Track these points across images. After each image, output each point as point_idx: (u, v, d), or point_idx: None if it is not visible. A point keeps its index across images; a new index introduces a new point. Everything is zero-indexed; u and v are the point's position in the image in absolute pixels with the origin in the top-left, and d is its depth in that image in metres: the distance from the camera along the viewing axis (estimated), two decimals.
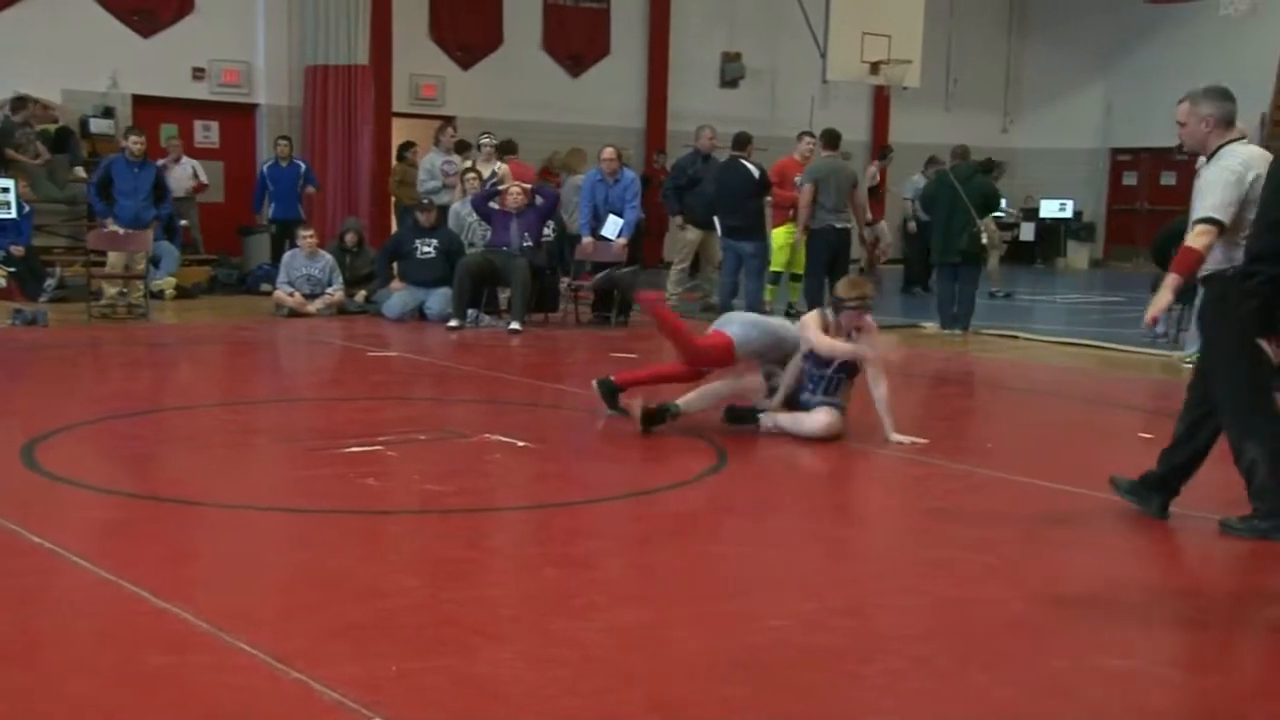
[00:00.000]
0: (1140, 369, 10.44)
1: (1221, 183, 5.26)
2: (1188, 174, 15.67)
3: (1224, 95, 5.50)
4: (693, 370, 7.41)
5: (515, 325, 11.50)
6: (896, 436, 6.93)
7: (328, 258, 12.81)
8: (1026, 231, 23.00)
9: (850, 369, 7.07)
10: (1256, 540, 5.14)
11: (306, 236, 12.72)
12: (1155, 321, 5.60)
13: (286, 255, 12.90)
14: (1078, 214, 23.32)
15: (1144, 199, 23.69)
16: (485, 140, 14.02)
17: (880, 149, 20.15)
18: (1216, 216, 5.23)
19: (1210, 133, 5.43)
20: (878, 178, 17.69)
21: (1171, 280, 5.34)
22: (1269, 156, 5.31)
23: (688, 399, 7.16)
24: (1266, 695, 3.70)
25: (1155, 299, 5.40)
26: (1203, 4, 15.17)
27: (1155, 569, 4.97)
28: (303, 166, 15.08)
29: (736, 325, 7.36)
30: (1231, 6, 13.67)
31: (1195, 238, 5.28)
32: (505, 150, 15.11)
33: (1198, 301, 9.38)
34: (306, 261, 12.64)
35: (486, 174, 13.10)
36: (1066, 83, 23.91)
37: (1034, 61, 24.43)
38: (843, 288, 7.19)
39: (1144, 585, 4.70)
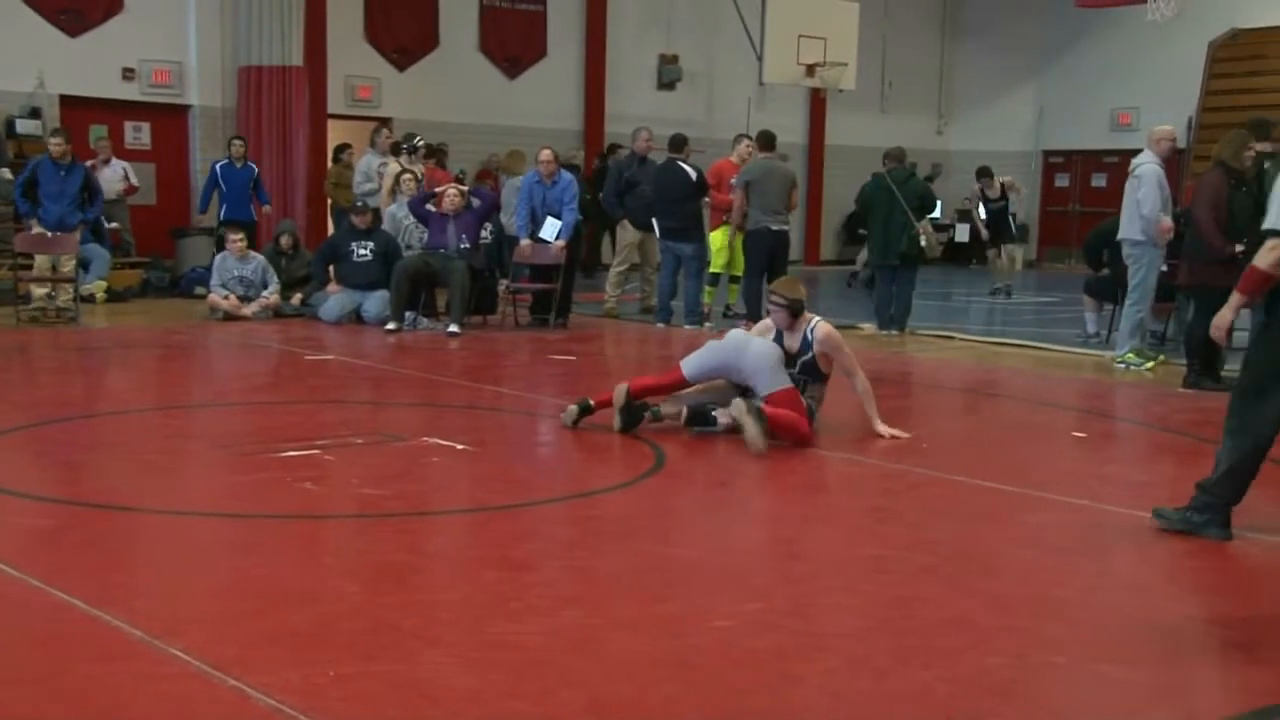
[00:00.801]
0: (1073, 369, 10.56)
1: None
2: (1118, 176, 15.89)
3: None
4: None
5: (454, 328, 11.44)
6: (882, 428, 7.12)
7: (260, 259, 12.67)
8: (961, 233, 23.20)
9: (814, 372, 7.15)
10: (1186, 534, 5.23)
11: (235, 240, 12.56)
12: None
13: (217, 258, 12.73)
14: (1012, 214, 23.57)
15: (1076, 200, 23.96)
16: (418, 142, 13.95)
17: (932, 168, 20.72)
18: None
19: None
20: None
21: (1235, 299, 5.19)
22: None
23: (667, 406, 7.24)
24: (1201, 689, 3.76)
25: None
26: (1131, 9, 15.38)
27: (1090, 565, 5.01)
28: (255, 170, 14.85)
29: (780, 375, 7.05)
30: (1158, 12, 13.88)
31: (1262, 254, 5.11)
32: (433, 155, 15.02)
33: (1142, 308, 9.58)
34: (238, 264, 12.49)
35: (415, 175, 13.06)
36: (999, 86, 24.21)
37: (967, 65, 24.70)
38: (774, 285, 7.38)
39: (1079, 582, 4.76)
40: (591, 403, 7.20)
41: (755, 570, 4.84)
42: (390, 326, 11.62)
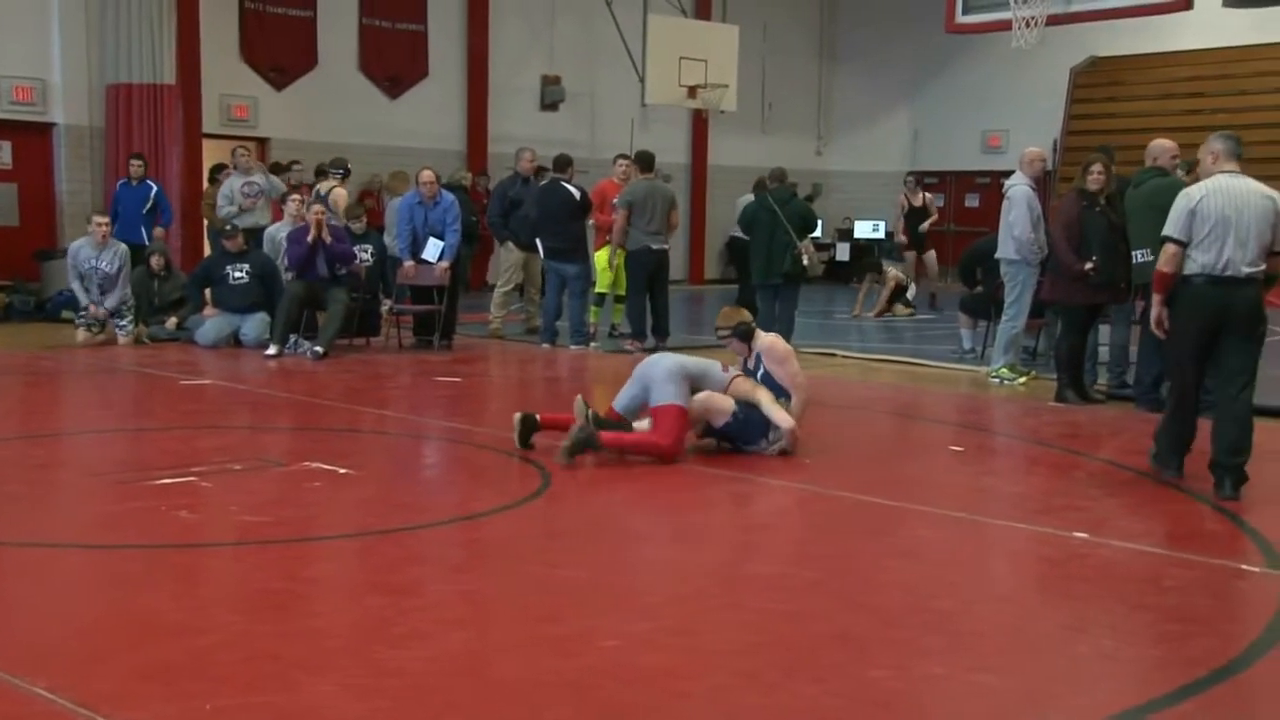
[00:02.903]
0: (950, 384, 10.76)
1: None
2: (990, 196, 16.24)
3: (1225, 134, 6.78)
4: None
5: (318, 348, 11.25)
6: (784, 420, 7.13)
7: (120, 246, 12.15)
8: (842, 252, 23.70)
9: (778, 388, 7.28)
10: (1073, 541, 5.40)
11: (100, 223, 12.02)
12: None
13: (72, 247, 12.19)
14: (889, 234, 23.94)
15: (950, 220, 24.31)
16: (296, 168, 13.72)
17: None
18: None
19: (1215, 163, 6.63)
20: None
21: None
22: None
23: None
24: (1069, 694, 3.85)
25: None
26: (997, 35, 15.77)
27: (967, 577, 5.11)
28: (154, 188, 14.32)
29: (671, 386, 7.03)
30: (1022, 38, 14.28)
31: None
32: (321, 175, 14.84)
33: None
34: (95, 252, 11.98)
35: (314, 198, 12.82)
36: (875, 108, 24.61)
37: (845, 87, 25.08)
38: (716, 320, 7.69)
39: (957, 594, 4.83)
40: (538, 418, 7.20)
41: (642, 590, 4.82)
42: (271, 350, 11.40)
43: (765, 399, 7.18)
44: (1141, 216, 8.62)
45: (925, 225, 16.98)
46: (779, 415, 7.06)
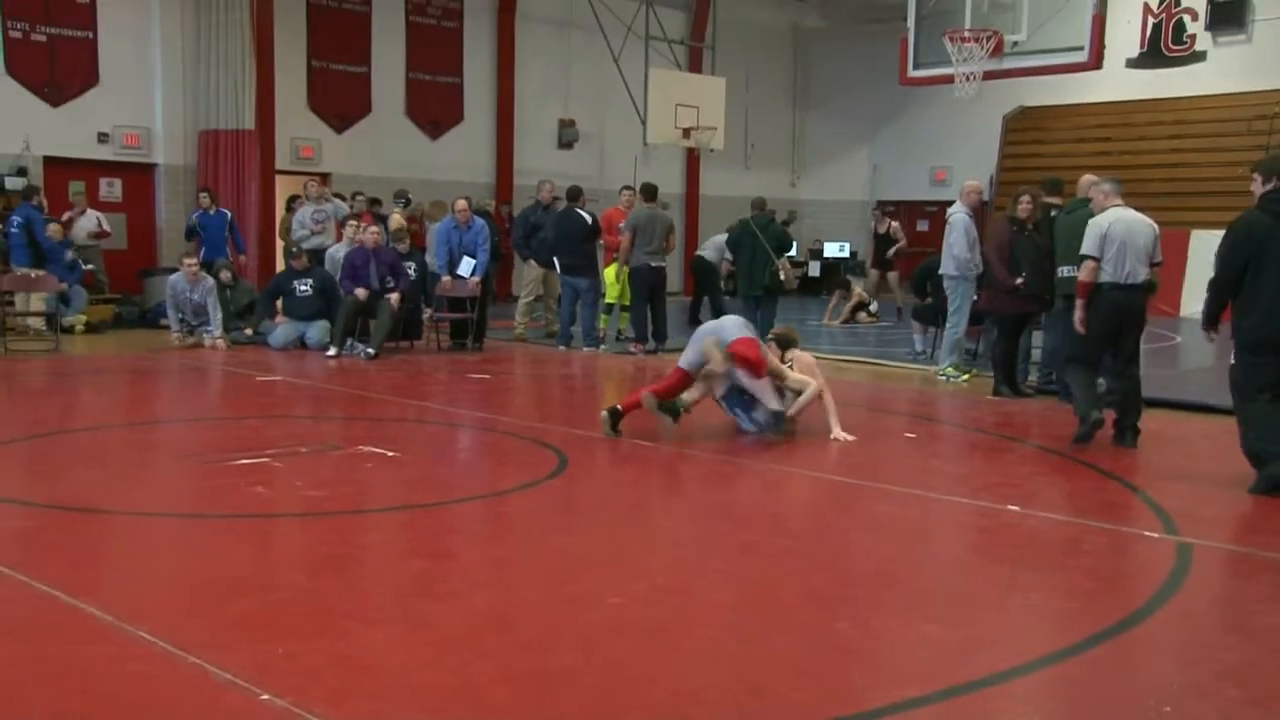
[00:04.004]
0: (904, 381, 10.69)
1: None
2: (937, 222, 16.21)
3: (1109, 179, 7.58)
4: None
5: (370, 350, 11.23)
6: (839, 433, 7.26)
7: (209, 282, 12.13)
8: (813, 269, 23.64)
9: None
10: (1034, 519, 5.39)
11: (190, 263, 12.05)
12: None
13: (170, 279, 12.20)
14: (853, 254, 23.85)
15: (904, 242, 24.33)
16: (359, 199, 13.70)
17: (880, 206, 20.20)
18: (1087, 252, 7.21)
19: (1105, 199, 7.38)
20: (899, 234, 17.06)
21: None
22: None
23: (689, 394, 7.33)
24: (1010, 639, 3.84)
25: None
26: (943, 87, 15.80)
27: (921, 545, 5.09)
28: (228, 215, 14.45)
29: (743, 331, 7.36)
30: (962, 90, 14.26)
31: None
32: (372, 204, 14.83)
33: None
34: (188, 286, 11.98)
35: (367, 228, 12.76)
36: (840, 147, 24.48)
37: (815, 129, 24.94)
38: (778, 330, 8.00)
39: (912, 559, 4.82)
40: (620, 408, 7.21)
41: (642, 555, 4.79)
42: (331, 352, 11.38)
43: (792, 380, 7.38)
44: (1071, 238, 8.58)
45: (892, 251, 16.53)
46: (772, 397, 7.18)
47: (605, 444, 6.96)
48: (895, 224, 17.17)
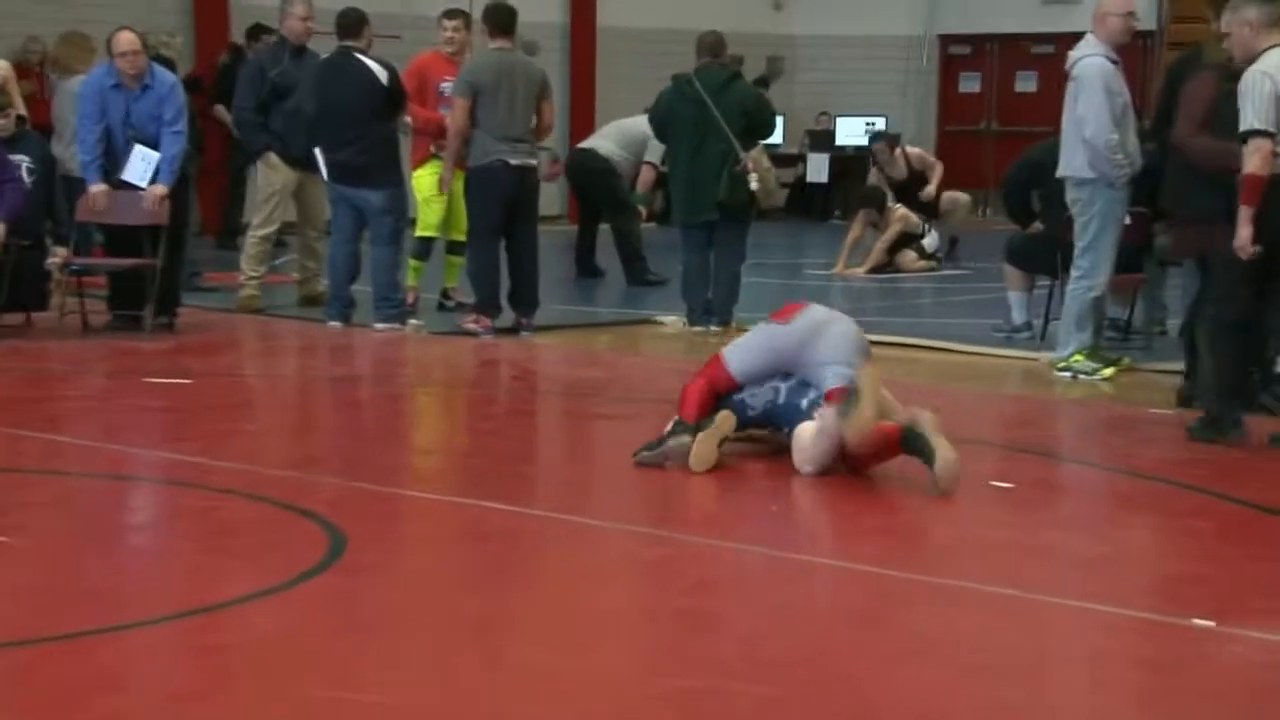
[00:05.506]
0: (991, 379, 7.58)
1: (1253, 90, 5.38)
2: (1052, 74, 11.59)
3: None
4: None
5: None
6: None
7: None
8: (816, 168, 15.83)
9: None
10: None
11: None
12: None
13: None
14: (886, 136, 14.04)
15: (990, 115, 16.43)
16: None
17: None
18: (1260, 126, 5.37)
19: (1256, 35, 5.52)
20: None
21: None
22: None
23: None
24: None
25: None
26: None
27: (1025, 693, 3.41)
28: None
29: (743, 343, 5.53)
30: None
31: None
32: None
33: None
34: None
35: None
36: None
37: None
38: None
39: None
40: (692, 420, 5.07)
41: None
42: None
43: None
44: None
45: (930, 189, 11.26)
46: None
47: (418, 509, 4.87)
48: (915, 150, 11.87)
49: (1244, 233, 5.38)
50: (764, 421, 5.19)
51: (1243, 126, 5.36)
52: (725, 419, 4.97)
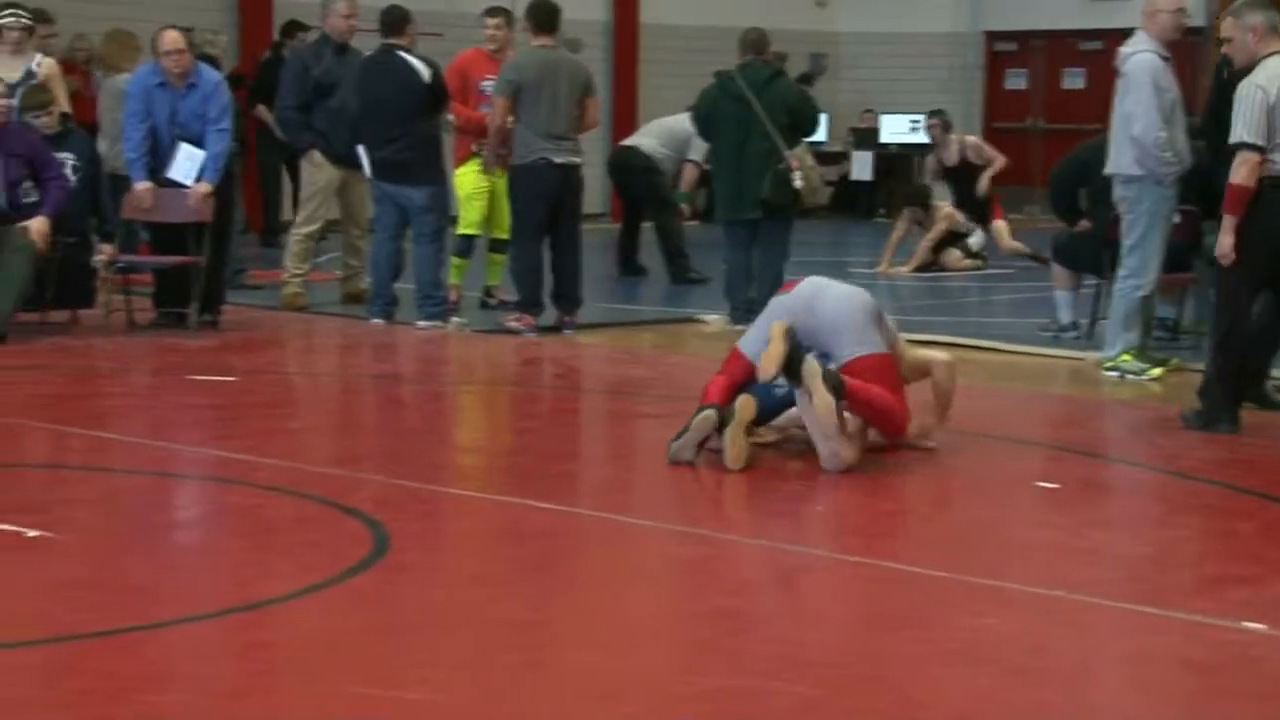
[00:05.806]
0: (1039, 379, 7.57)
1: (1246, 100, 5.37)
2: (1100, 71, 11.38)
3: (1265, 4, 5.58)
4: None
5: None
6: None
7: None
8: (860, 166, 15.81)
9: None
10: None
11: None
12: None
13: None
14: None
15: (1038, 112, 16.26)
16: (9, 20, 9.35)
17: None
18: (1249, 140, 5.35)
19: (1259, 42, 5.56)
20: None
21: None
22: None
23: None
24: None
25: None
26: None
27: (1070, 697, 3.30)
28: None
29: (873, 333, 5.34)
30: None
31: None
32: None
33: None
34: None
35: (16, 74, 8.16)
36: None
37: None
38: None
39: None
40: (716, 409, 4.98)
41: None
42: None
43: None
44: None
45: (985, 181, 10.78)
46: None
47: (461, 507, 4.88)
48: (973, 139, 11.51)
49: (1224, 241, 5.48)
50: (792, 403, 5.13)
51: (1232, 139, 5.38)
52: (745, 404, 4.87)
